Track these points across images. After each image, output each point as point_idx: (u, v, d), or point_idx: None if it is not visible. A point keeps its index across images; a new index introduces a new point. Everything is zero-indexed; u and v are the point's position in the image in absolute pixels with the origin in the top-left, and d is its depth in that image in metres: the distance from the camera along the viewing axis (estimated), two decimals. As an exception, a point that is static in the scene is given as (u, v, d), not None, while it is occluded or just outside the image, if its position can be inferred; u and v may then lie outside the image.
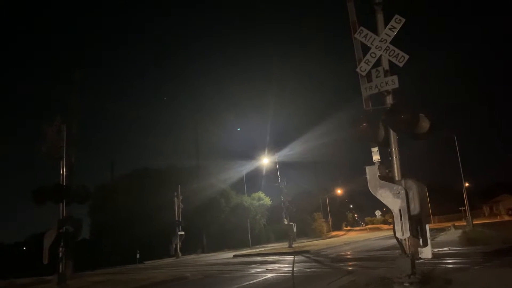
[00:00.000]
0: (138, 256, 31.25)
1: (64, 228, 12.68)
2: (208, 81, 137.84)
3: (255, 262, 19.80)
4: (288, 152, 50.40)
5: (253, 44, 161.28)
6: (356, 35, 8.31)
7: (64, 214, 12.78)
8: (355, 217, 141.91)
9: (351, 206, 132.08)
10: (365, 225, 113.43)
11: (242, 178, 52.31)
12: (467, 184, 49.50)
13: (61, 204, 12.81)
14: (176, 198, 34.87)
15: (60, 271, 12.46)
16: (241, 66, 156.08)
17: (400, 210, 7.00)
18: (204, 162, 49.26)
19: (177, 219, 34.31)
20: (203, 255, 35.44)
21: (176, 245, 33.22)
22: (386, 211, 71.13)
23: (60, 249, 12.54)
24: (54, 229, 12.56)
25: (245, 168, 51.70)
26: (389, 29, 7.91)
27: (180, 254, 32.99)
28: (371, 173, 7.56)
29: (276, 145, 47.94)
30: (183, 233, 34.01)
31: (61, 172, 13.07)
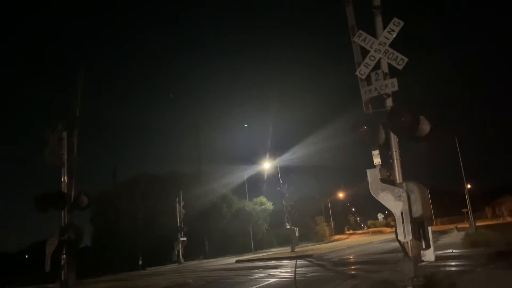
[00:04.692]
0: (140, 262, 31.27)
1: (65, 235, 12.69)
2: (210, 86, 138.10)
3: (258, 267, 19.74)
4: (290, 157, 50.38)
5: (255, 49, 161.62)
6: (355, 39, 8.31)
7: (66, 221, 12.79)
8: (358, 220, 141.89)
9: (353, 209, 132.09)
10: (368, 228, 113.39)
11: (244, 183, 52.30)
12: (469, 186, 49.32)
13: (62, 211, 12.83)
14: (178, 204, 34.80)
15: (63, 278, 12.44)
16: (242, 71, 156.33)
17: (402, 213, 6.97)
18: (206, 167, 49.29)
19: (179, 225, 34.23)
20: (206, 260, 35.36)
21: (178, 251, 33.15)
22: (388, 214, 70.90)
23: (63, 256, 12.54)
24: (56, 236, 12.55)
25: (247, 172, 51.64)
26: (388, 32, 7.91)
27: (182, 260, 32.92)
28: (372, 176, 7.54)
29: (278, 150, 47.82)
30: (185, 239, 33.93)
31: (62, 179, 13.11)
